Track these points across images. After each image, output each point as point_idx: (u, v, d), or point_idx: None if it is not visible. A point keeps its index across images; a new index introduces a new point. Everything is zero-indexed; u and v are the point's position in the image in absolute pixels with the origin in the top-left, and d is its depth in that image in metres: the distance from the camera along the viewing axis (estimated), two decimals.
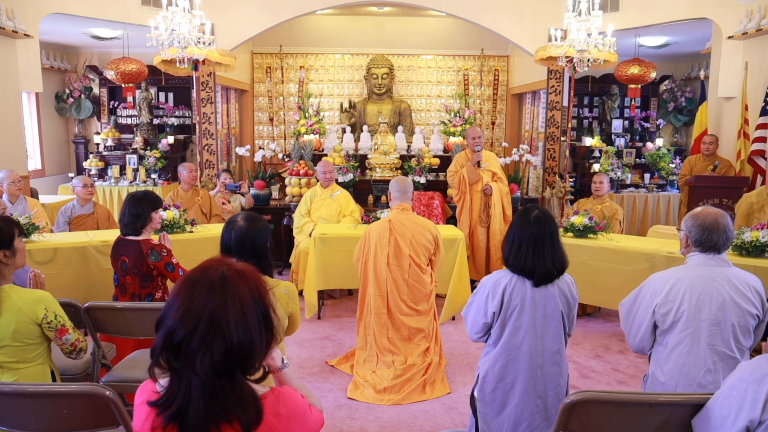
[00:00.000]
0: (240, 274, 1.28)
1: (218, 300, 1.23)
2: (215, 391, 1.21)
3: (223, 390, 1.22)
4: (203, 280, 1.25)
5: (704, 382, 2.36)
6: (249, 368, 1.26)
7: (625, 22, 6.84)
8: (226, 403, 1.22)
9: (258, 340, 1.25)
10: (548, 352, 2.52)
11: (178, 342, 1.22)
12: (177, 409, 1.22)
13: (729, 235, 2.44)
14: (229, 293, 1.24)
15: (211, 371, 1.21)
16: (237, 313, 1.23)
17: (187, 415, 1.22)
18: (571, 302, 2.56)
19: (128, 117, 9.09)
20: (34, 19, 6.25)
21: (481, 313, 2.57)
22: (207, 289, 1.24)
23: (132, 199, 3.42)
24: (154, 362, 1.27)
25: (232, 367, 1.23)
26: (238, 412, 1.22)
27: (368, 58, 9.56)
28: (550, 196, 7.33)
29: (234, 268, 1.29)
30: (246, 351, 1.24)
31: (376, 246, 3.95)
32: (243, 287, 1.26)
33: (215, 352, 1.20)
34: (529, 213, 2.53)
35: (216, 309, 1.22)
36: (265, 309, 1.28)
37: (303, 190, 6.78)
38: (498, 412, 2.57)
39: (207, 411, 1.21)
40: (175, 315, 1.23)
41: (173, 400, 1.23)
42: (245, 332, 1.23)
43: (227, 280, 1.25)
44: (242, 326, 1.23)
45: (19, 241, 2.47)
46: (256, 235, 2.41)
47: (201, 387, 1.21)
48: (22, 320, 2.35)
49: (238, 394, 1.23)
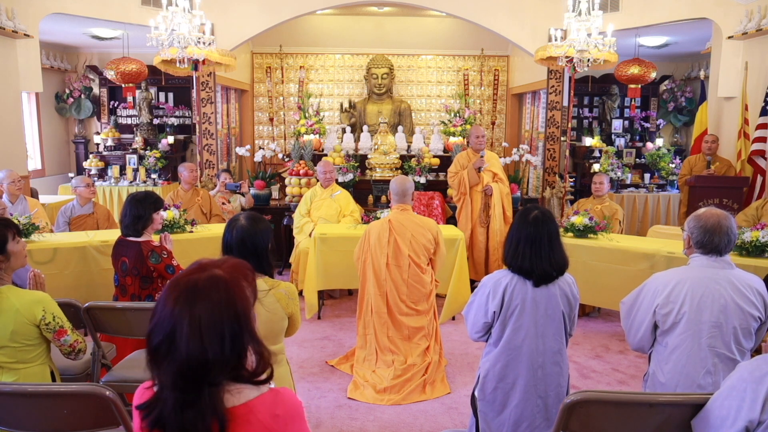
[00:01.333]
0: (214, 283, 1.24)
1: (178, 313, 1.20)
2: (184, 403, 1.20)
3: (191, 403, 1.20)
4: (176, 287, 1.23)
5: (704, 383, 2.35)
6: (213, 382, 1.22)
7: (625, 22, 6.84)
8: (193, 417, 1.20)
9: (214, 355, 1.20)
10: (549, 352, 2.52)
11: (153, 349, 1.22)
12: (157, 416, 1.22)
13: (731, 238, 2.42)
14: (192, 306, 1.20)
15: (171, 384, 1.20)
16: (192, 330, 1.19)
17: (166, 424, 1.22)
18: (572, 302, 2.55)
19: (128, 117, 9.09)
20: (34, 19, 6.25)
21: (482, 313, 2.57)
22: (174, 299, 1.21)
23: (133, 200, 3.41)
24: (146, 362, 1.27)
25: (195, 380, 1.20)
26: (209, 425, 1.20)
27: (368, 58, 9.56)
28: (550, 196, 7.33)
29: (213, 276, 1.25)
30: (197, 367, 1.19)
31: (375, 246, 3.95)
32: (208, 302, 1.21)
33: (171, 365, 1.20)
34: (528, 213, 2.53)
35: (175, 322, 1.20)
36: (236, 321, 1.23)
37: (303, 190, 6.78)
38: (498, 412, 2.57)
39: (178, 421, 1.20)
40: (151, 322, 1.23)
41: (155, 406, 1.23)
42: (196, 348, 1.19)
43: (197, 292, 1.21)
44: (194, 341, 1.19)
45: (14, 244, 2.44)
46: (257, 235, 2.41)
47: (172, 399, 1.21)
48: (20, 321, 2.35)
49: (206, 409, 1.20)
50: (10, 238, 2.43)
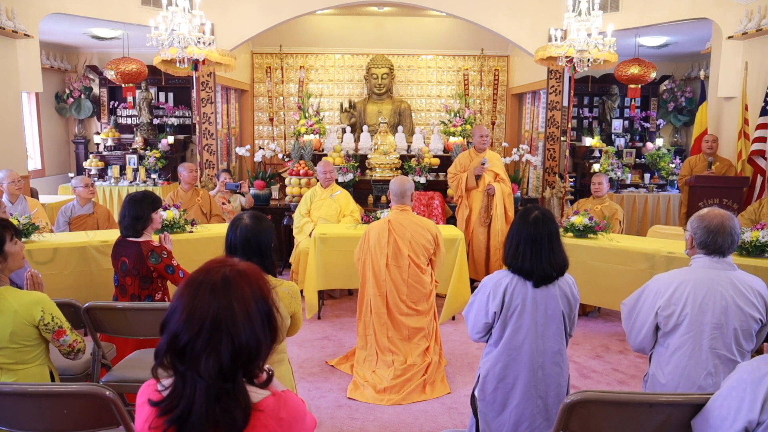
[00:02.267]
0: (242, 275, 1.28)
1: (223, 301, 1.23)
2: (219, 394, 1.22)
3: (227, 393, 1.22)
4: (206, 282, 1.25)
5: (705, 384, 2.35)
6: (253, 369, 1.27)
7: (625, 22, 6.84)
8: (228, 407, 1.22)
9: (263, 340, 1.26)
10: (549, 352, 2.52)
11: (182, 345, 1.22)
12: (180, 413, 1.22)
13: (735, 239, 2.41)
14: (233, 294, 1.24)
15: (217, 374, 1.21)
16: (242, 314, 1.23)
17: (189, 419, 1.22)
18: (572, 302, 2.55)
19: (128, 117, 9.09)
20: (34, 19, 6.24)
21: (482, 313, 2.57)
22: (210, 291, 1.24)
23: (132, 201, 3.40)
24: (158, 364, 1.27)
25: (237, 369, 1.23)
26: (237, 416, 1.22)
27: (368, 58, 9.56)
28: (550, 196, 7.32)
29: (236, 269, 1.29)
30: (253, 352, 1.24)
31: (375, 246, 3.95)
32: (246, 288, 1.26)
33: (222, 354, 1.21)
34: (529, 213, 2.53)
35: (220, 310, 1.22)
36: (269, 309, 1.29)
37: (303, 190, 6.78)
38: (499, 412, 2.57)
39: (209, 414, 1.21)
40: (179, 318, 1.23)
41: (177, 403, 1.23)
42: (251, 332, 1.24)
43: (230, 282, 1.26)
44: (248, 327, 1.23)
45: (11, 245, 2.43)
46: (261, 235, 2.41)
47: (206, 390, 1.21)
48: (19, 322, 2.34)
49: (239, 398, 1.23)
50: (7, 238, 2.42)
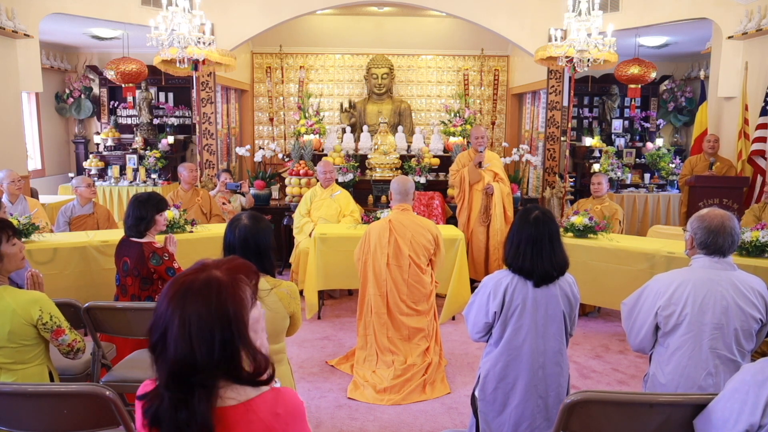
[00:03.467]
0: (209, 285, 1.22)
1: (170, 313, 1.20)
2: (177, 403, 1.20)
3: (183, 403, 1.20)
4: (173, 287, 1.24)
5: (705, 385, 2.35)
6: (203, 384, 1.21)
7: (625, 22, 6.84)
8: (186, 417, 1.20)
9: (202, 358, 1.19)
10: (550, 352, 2.52)
11: (151, 347, 1.24)
12: (155, 413, 1.23)
13: (735, 239, 2.41)
14: (184, 307, 1.20)
15: (163, 384, 1.21)
16: (181, 331, 1.19)
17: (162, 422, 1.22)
18: (573, 302, 2.55)
19: (128, 117, 9.09)
20: (34, 19, 6.24)
21: (483, 313, 2.57)
22: (169, 299, 1.22)
23: (136, 202, 3.41)
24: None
25: (180, 381, 1.20)
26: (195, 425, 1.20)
27: (368, 58, 9.56)
28: (550, 196, 7.33)
29: (209, 277, 1.23)
30: (186, 368, 1.19)
31: (375, 246, 3.95)
32: (200, 304, 1.20)
33: (163, 364, 1.21)
34: (529, 213, 2.53)
35: (168, 322, 1.20)
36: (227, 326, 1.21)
37: (303, 190, 6.78)
38: (499, 412, 2.57)
39: (174, 421, 1.21)
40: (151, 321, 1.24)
41: (153, 402, 1.24)
42: (185, 348, 1.18)
43: (190, 294, 1.21)
44: (184, 342, 1.18)
45: (8, 245, 2.42)
46: (260, 234, 2.41)
47: (167, 397, 1.21)
48: (17, 322, 2.34)
49: (194, 411, 1.20)
50: (3, 239, 2.41)
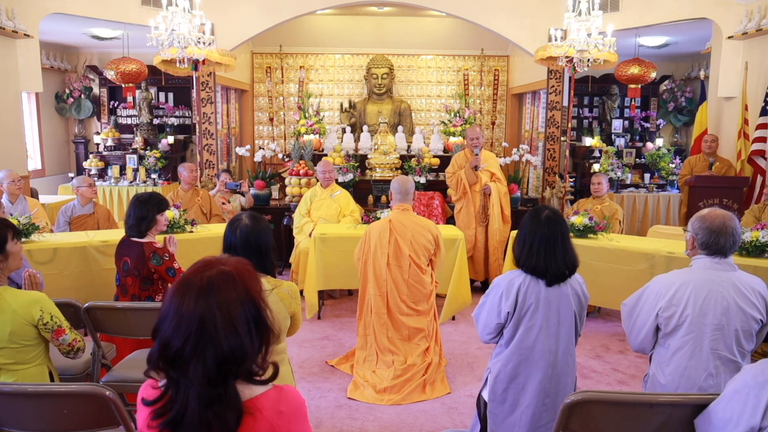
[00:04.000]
0: (228, 277, 1.26)
1: (205, 308, 1.21)
2: (211, 400, 1.21)
3: (218, 398, 1.22)
4: (192, 286, 1.24)
5: (705, 385, 2.34)
6: (243, 373, 1.25)
7: (625, 22, 6.84)
8: (219, 411, 1.21)
9: (248, 344, 1.24)
10: (560, 352, 2.52)
11: (173, 353, 1.22)
12: (173, 417, 1.23)
13: (736, 239, 2.40)
14: (216, 299, 1.23)
15: (206, 381, 1.20)
16: (225, 321, 1.22)
17: (183, 422, 1.22)
18: (583, 301, 2.56)
19: (128, 117, 9.09)
20: (34, 19, 6.25)
21: (495, 314, 2.56)
22: (195, 296, 1.23)
23: (137, 201, 3.42)
24: (151, 368, 1.27)
25: (225, 374, 1.22)
26: (229, 419, 1.22)
27: (368, 58, 9.56)
28: (550, 196, 7.32)
29: (223, 271, 1.27)
30: (237, 357, 1.23)
31: (376, 246, 3.95)
32: (231, 292, 1.25)
33: (208, 361, 1.20)
34: (540, 213, 2.53)
35: (204, 318, 1.21)
36: (256, 311, 1.27)
37: (303, 190, 6.78)
38: (510, 412, 2.56)
39: (201, 420, 1.21)
40: (169, 325, 1.23)
41: (171, 407, 1.24)
42: (235, 339, 1.22)
43: (213, 286, 1.24)
44: (231, 333, 1.22)
45: (12, 244, 2.45)
46: (260, 235, 2.41)
47: (198, 396, 1.21)
48: (18, 322, 2.34)
49: (230, 402, 1.23)
50: (9, 238, 2.43)
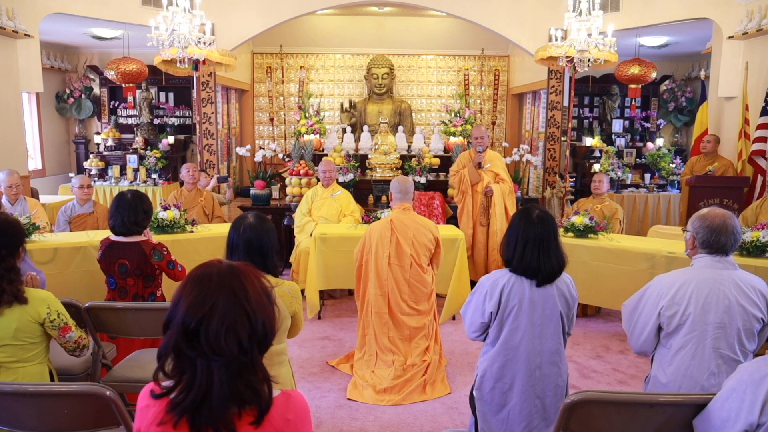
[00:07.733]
0: (243, 267, 1.33)
1: (236, 282, 1.27)
2: (240, 369, 1.23)
3: (246, 367, 1.24)
4: (210, 272, 1.28)
5: (707, 385, 2.34)
6: (266, 347, 1.30)
7: (626, 22, 6.84)
8: (250, 381, 1.24)
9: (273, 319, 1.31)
10: (546, 353, 2.51)
11: (194, 329, 1.22)
12: (193, 399, 1.22)
13: (737, 237, 2.40)
14: (242, 276, 1.29)
15: (238, 349, 1.22)
16: (254, 291, 1.28)
17: (205, 403, 1.22)
18: (570, 302, 2.54)
19: (128, 117, 9.10)
20: (35, 19, 6.25)
21: (479, 313, 2.56)
22: (217, 276, 1.27)
23: (133, 200, 3.38)
24: (161, 366, 1.27)
25: (253, 345, 1.25)
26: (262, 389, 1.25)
27: (368, 58, 9.57)
28: (551, 196, 7.33)
29: (232, 263, 1.34)
30: (268, 328, 1.28)
31: (377, 245, 3.95)
32: (251, 275, 1.32)
33: (239, 329, 1.23)
34: (531, 213, 2.51)
35: (234, 289, 1.26)
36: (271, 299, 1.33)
37: (303, 190, 6.78)
38: (497, 411, 2.56)
39: (232, 391, 1.22)
40: (184, 308, 1.24)
41: (188, 392, 1.23)
42: (264, 310, 1.28)
43: (235, 268, 1.30)
44: (261, 304, 1.28)
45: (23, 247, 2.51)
46: (264, 235, 2.42)
47: (225, 368, 1.22)
48: (25, 319, 2.36)
49: (259, 371, 1.26)
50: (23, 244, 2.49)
